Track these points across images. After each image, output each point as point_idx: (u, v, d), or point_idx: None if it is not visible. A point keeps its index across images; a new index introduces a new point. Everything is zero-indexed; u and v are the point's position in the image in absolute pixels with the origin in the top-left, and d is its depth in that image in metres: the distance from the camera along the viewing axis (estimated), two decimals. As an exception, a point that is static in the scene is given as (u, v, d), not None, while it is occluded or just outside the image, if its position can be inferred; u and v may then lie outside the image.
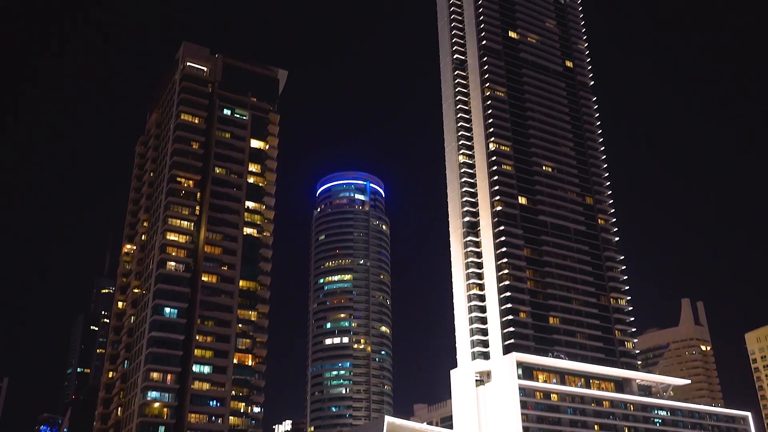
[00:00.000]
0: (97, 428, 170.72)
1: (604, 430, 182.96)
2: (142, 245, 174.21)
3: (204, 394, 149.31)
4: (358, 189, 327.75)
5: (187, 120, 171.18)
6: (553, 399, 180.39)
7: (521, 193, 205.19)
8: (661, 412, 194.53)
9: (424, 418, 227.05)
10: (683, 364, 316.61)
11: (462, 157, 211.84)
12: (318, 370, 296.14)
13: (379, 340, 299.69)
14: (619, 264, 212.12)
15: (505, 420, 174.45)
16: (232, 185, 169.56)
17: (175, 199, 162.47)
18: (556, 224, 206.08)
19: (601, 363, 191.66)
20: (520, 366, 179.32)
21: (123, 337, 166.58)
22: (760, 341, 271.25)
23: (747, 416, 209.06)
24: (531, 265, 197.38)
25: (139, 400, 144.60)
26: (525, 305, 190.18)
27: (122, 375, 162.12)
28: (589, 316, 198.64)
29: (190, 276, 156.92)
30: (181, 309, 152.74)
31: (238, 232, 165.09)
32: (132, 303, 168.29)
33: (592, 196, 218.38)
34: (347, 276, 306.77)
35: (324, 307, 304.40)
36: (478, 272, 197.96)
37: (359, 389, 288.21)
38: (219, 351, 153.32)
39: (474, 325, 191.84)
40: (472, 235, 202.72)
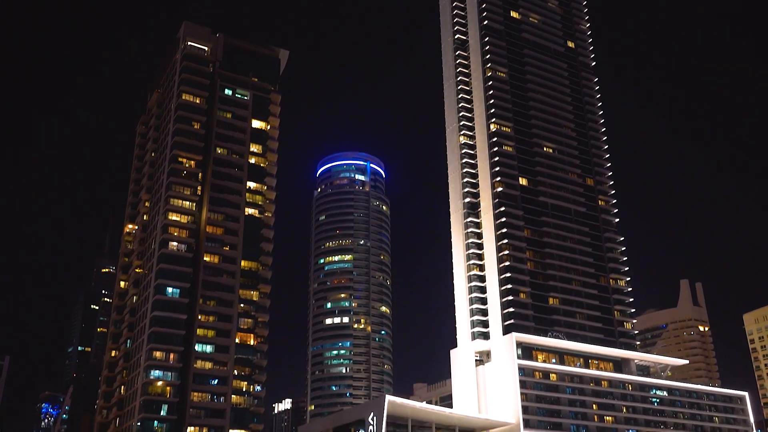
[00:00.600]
0: (100, 406, 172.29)
1: (603, 409, 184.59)
2: (144, 225, 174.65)
3: (206, 373, 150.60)
4: (359, 169, 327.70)
5: (189, 100, 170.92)
6: (552, 379, 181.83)
7: (522, 174, 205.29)
8: (659, 392, 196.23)
9: (423, 397, 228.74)
10: (681, 345, 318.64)
11: (463, 138, 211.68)
12: (318, 349, 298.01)
13: (379, 320, 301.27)
14: (618, 245, 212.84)
15: (505, 399, 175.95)
16: (233, 165, 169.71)
17: (177, 179, 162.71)
18: (556, 205, 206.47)
19: (600, 343, 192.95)
20: (520, 346, 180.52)
21: (125, 316, 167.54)
22: (758, 322, 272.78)
23: (744, 396, 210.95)
24: (531, 246, 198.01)
25: (142, 379, 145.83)
26: (525, 286, 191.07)
27: (125, 354, 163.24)
28: (589, 297, 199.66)
29: (192, 256, 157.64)
30: (183, 289, 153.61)
31: (239, 213, 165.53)
32: (134, 282, 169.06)
33: (592, 177, 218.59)
34: (347, 256, 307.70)
35: (324, 287, 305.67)
36: (478, 253, 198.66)
37: (359, 368, 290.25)
38: (221, 330, 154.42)
39: (474, 305, 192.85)
40: (473, 216, 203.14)
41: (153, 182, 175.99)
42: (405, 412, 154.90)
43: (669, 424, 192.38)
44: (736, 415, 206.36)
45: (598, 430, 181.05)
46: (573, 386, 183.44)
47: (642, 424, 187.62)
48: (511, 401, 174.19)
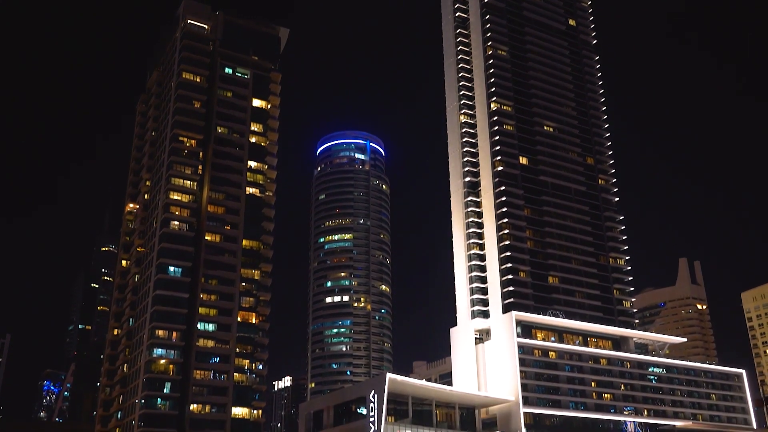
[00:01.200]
0: (103, 384, 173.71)
1: (601, 387, 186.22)
2: (145, 204, 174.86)
3: (209, 351, 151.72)
4: (359, 148, 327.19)
5: (189, 78, 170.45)
6: (551, 356, 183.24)
7: (522, 153, 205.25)
8: (657, 370, 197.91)
9: (423, 375, 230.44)
10: (679, 323, 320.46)
11: (463, 116, 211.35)
12: (318, 327, 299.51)
13: (378, 299, 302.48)
14: (618, 224, 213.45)
15: (504, 377, 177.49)
16: (234, 145, 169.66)
17: (178, 158, 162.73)
18: (556, 184, 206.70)
19: (599, 321, 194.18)
20: (519, 324, 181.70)
21: (128, 295, 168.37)
22: (756, 300, 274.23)
23: (741, 373, 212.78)
24: (531, 225, 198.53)
25: (145, 357, 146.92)
26: (525, 264, 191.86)
27: (127, 332, 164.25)
28: (588, 276, 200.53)
29: (194, 235, 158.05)
30: (185, 268, 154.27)
31: (240, 192, 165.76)
32: (136, 261, 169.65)
33: (593, 156, 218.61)
34: (347, 235, 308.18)
35: (324, 266, 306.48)
36: (478, 232, 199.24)
37: (359, 347, 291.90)
38: (223, 309, 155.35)
39: (474, 284, 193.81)
40: (473, 195, 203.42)
41: (154, 161, 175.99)
42: (405, 389, 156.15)
43: (667, 401, 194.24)
44: (734, 393, 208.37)
45: (596, 407, 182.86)
46: (572, 364, 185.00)
47: (640, 401, 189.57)
48: (511, 379, 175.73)
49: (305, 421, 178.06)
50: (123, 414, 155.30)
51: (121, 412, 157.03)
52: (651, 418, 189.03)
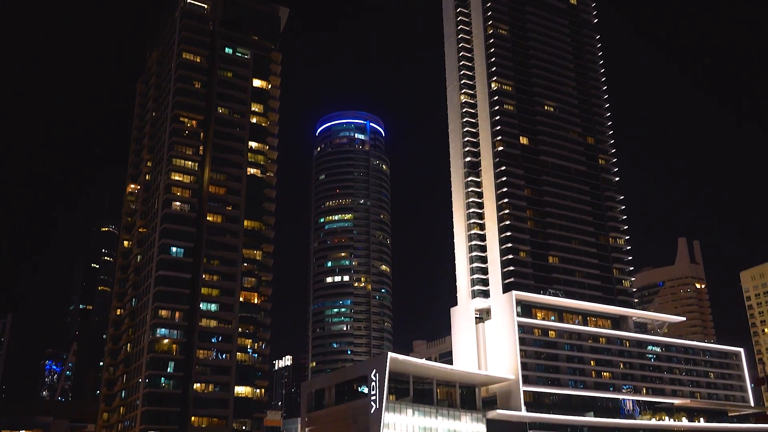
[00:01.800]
0: (107, 363, 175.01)
1: (600, 365, 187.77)
2: (146, 185, 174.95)
3: (211, 331, 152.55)
4: (358, 128, 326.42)
5: (189, 59, 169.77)
6: (551, 336, 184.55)
7: (522, 133, 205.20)
8: (656, 348, 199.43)
9: (422, 354, 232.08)
10: (678, 302, 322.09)
11: (464, 96, 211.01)
12: (319, 307, 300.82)
13: (379, 279, 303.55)
14: (618, 204, 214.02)
15: (504, 356, 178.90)
16: (235, 125, 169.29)
17: (179, 138, 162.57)
18: (556, 164, 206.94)
19: (599, 301, 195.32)
20: (519, 304, 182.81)
21: (130, 275, 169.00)
22: (755, 279, 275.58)
23: (739, 352, 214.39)
24: (531, 205, 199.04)
25: (149, 337, 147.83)
26: (525, 244, 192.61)
27: (130, 312, 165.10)
28: (588, 255, 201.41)
29: (196, 216, 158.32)
30: (187, 248, 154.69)
31: (242, 173, 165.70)
32: (138, 242, 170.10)
33: (593, 136, 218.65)
34: (347, 215, 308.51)
35: (325, 246, 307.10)
36: (478, 212, 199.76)
37: (360, 326, 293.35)
38: (225, 289, 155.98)
39: (474, 263, 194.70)
40: (473, 175, 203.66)
41: (154, 142, 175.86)
42: (407, 368, 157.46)
43: (665, 379, 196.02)
44: (732, 371, 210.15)
45: (595, 385, 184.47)
46: (571, 343, 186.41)
47: (639, 380, 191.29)
48: (511, 358, 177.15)
49: (307, 399, 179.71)
50: (127, 393, 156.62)
51: (124, 391, 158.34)
52: (649, 396, 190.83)
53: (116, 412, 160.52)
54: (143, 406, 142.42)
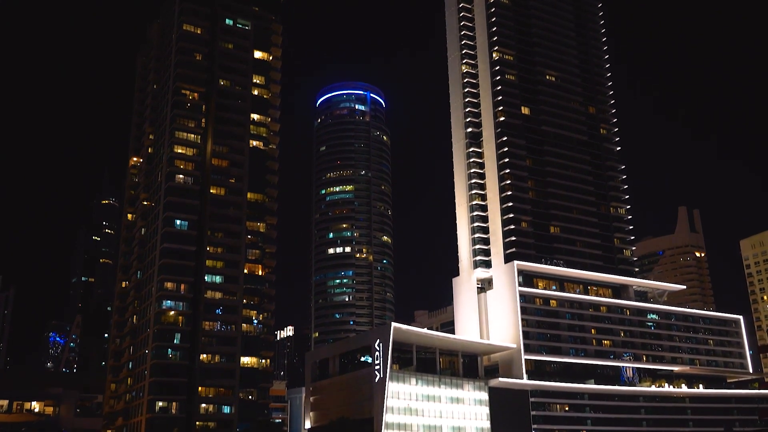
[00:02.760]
0: (113, 335, 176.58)
1: (601, 333, 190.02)
2: (149, 158, 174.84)
3: (217, 302, 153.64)
4: (359, 99, 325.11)
5: (189, 30, 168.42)
6: (552, 305, 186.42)
7: (524, 104, 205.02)
8: (655, 317, 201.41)
9: (424, 323, 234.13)
10: (678, 270, 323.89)
11: (465, 67, 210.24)
12: (321, 278, 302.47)
13: (380, 250, 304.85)
14: (619, 173, 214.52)
15: (506, 325, 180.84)
16: (236, 97, 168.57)
17: (181, 111, 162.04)
18: (558, 134, 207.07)
19: (600, 270, 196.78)
20: (521, 273, 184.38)
21: (134, 248, 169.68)
22: (755, 248, 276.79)
23: (739, 319, 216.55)
24: (533, 175, 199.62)
25: (155, 309, 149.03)
26: (526, 215, 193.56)
27: (136, 285, 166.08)
28: (589, 225, 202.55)
29: (199, 189, 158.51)
30: (191, 221, 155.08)
31: (244, 145, 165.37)
32: (142, 215, 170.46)
33: (594, 106, 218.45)
34: (348, 187, 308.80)
35: (326, 217, 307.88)
36: (480, 182, 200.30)
37: (362, 297, 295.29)
38: (230, 261, 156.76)
39: (476, 234, 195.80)
40: (475, 146, 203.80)
41: (156, 115, 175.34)
42: (410, 338, 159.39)
43: (665, 347, 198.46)
44: (731, 338, 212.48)
45: (596, 353, 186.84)
46: (572, 312, 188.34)
47: (639, 348, 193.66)
48: (512, 327, 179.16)
49: (311, 369, 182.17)
50: (134, 364, 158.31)
51: (132, 362, 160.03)
52: (649, 363, 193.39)
53: (123, 383, 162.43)
54: (151, 377, 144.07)
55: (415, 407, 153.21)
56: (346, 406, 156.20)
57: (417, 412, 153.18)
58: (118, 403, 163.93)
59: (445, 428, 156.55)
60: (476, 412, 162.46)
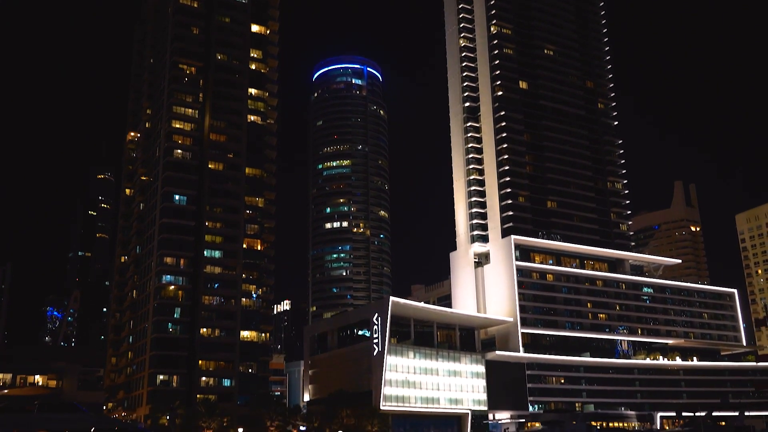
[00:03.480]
0: (113, 309, 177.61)
1: (597, 307, 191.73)
2: (147, 133, 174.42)
3: (216, 277, 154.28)
4: (355, 73, 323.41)
5: (186, 4, 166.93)
6: (548, 279, 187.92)
7: (522, 78, 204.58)
8: (651, 290, 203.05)
9: (421, 297, 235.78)
10: (673, 245, 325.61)
11: (463, 40, 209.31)
12: (318, 253, 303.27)
13: (377, 224, 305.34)
14: (616, 148, 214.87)
15: (503, 299, 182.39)
16: (234, 72, 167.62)
17: (178, 86, 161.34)
18: (556, 109, 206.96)
19: (596, 244, 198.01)
20: (518, 248, 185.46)
21: (133, 223, 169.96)
22: (750, 222, 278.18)
23: (733, 293, 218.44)
24: (531, 150, 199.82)
25: (155, 284, 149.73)
26: (524, 189, 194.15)
27: (135, 260, 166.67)
28: (586, 200, 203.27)
29: (198, 164, 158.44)
30: (190, 196, 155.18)
31: (242, 120, 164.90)
32: (140, 190, 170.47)
33: (593, 80, 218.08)
34: (345, 161, 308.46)
35: (323, 192, 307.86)
36: (478, 157, 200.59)
37: (359, 271, 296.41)
38: (229, 236, 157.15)
39: (473, 209, 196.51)
40: (473, 121, 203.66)
41: (154, 89, 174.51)
42: (408, 312, 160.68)
43: (660, 320, 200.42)
44: (725, 312, 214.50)
45: (591, 326, 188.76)
46: (569, 286, 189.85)
47: (634, 321, 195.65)
48: (509, 301, 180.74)
49: (309, 343, 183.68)
50: (134, 338, 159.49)
51: (132, 336, 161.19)
52: (644, 336, 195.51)
53: (124, 357, 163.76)
54: (151, 351, 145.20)
55: (413, 380, 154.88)
56: (344, 379, 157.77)
57: (415, 385, 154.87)
58: (119, 376, 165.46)
59: (442, 400, 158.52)
60: (473, 385, 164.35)
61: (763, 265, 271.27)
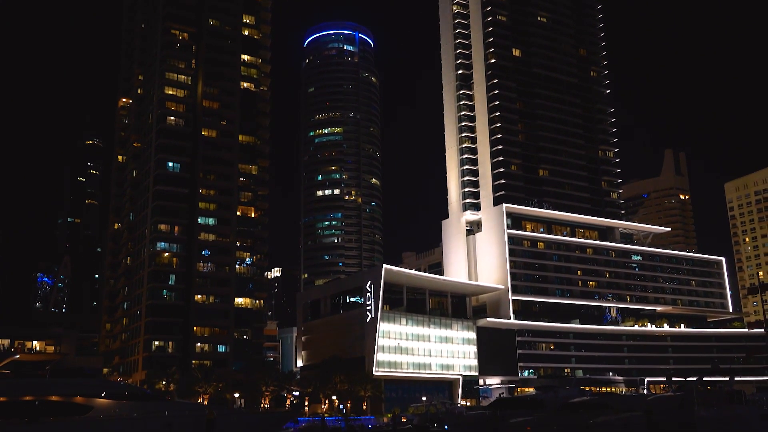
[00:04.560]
0: (107, 276, 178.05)
1: (586, 275, 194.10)
2: (139, 99, 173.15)
3: (210, 244, 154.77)
4: (347, 39, 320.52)
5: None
6: (539, 247, 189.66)
7: (515, 45, 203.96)
8: (640, 258, 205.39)
9: (412, 265, 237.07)
10: (662, 213, 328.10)
11: (456, 7, 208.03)
12: (310, 220, 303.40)
13: (369, 192, 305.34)
14: (608, 116, 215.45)
15: (494, 267, 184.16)
16: (227, 38, 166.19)
17: (171, 51, 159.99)
18: (549, 77, 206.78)
19: (587, 213, 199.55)
20: (510, 216, 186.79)
21: (127, 190, 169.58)
22: (739, 190, 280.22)
23: (721, 261, 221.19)
24: (523, 118, 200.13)
25: (149, 251, 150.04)
26: (516, 157, 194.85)
27: (129, 227, 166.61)
28: (577, 168, 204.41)
29: (191, 131, 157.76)
30: (183, 163, 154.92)
31: (235, 86, 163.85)
32: (133, 157, 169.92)
33: (586, 48, 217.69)
34: (337, 129, 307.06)
35: (315, 159, 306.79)
36: (470, 125, 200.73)
37: (350, 239, 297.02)
38: (222, 204, 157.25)
39: (466, 177, 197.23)
40: (465, 89, 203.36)
41: (146, 56, 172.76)
42: (400, 279, 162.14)
43: (648, 288, 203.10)
44: (713, 279, 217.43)
45: (581, 294, 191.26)
46: (559, 254, 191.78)
47: (623, 288, 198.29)
48: (500, 268, 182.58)
49: (303, 310, 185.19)
50: (129, 305, 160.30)
51: (127, 302, 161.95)
52: (633, 303, 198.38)
53: (119, 323, 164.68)
54: (147, 317, 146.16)
55: (405, 346, 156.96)
56: (337, 345, 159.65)
57: (407, 351, 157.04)
58: (113, 342, 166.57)
59: (434, 366, 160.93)
60: (464, 351, 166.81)
61: (750, 233, 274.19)
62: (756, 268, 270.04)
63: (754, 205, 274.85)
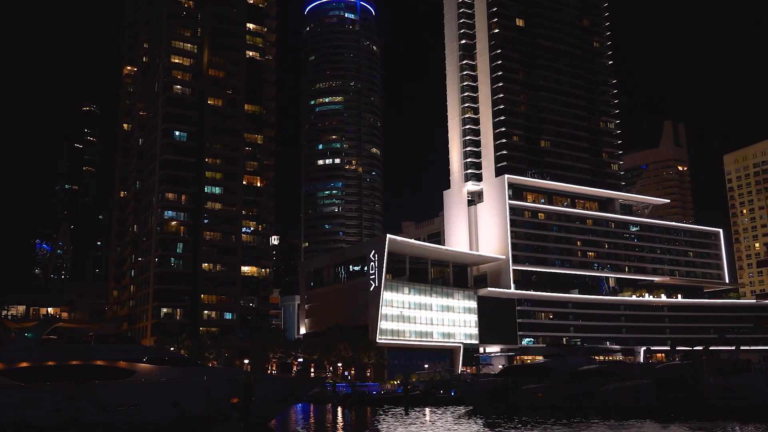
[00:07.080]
0: (114, 244, 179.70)
1: (586, 245, 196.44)
2: (145, 67, 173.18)
3: (217, 213, 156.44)
4: (348, 7, 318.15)
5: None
6: (540, 218, 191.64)
7: (519, 15, 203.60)
8: (638, 229, 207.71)
9: (411, 234, 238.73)
10: (660, 184, 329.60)
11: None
12: (311, 189, 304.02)
13: (369, 161, 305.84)
14: (610, 88, 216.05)
15: (495, 237, 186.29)
16: (232, 6, 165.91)
17: (177, 20, 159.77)
18: (552, 48, 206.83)
19: (588, 184, 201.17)
20: (511, 187, 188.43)
21: (133, 159, 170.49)
22: (737, 162, 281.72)
23: (718, 232, 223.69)
24: (526, 89, 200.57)
25: (157, 219, 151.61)
26: (518, 128, 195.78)
27: (135, 195, 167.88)
28: (579, 139, 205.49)
29: (197, 100, 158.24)
30: (190, 132, 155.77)
31: (240, 56, 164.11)
32: (139, 126, 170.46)
33: (589, 19, 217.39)
34: (338, 98, 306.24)
35: (315, 128, 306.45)
36: (473, 95, 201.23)
37: (351, 208, 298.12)
38: (229, 173, 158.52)
39: (468, 147, 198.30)
40: (468, 59, 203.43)
41: (151, 24, 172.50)
42: (403, 249, 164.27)
43: (647, 258, 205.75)
44: (710, 250, 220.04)
45: (580, 264, 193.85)
46: (560, 224, 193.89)
47: (622, 259, 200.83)
48: (501, 239, 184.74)
49: (306, 278, 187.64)
50: (137, 272, 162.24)
51: (134, 270, 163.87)
52: (631, 274, 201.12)
53: (126, 290, 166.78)
54: (155, 285, 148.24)
55: (407, 315, 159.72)
56: (341, 313, 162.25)
57: (409, 320, 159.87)
58: (121, 309, 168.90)
59: (435, 334, 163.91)
60: (465, 320, 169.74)
61: (748, 205, 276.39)
62: (753, 240, 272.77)
63: (752, 177, 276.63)
